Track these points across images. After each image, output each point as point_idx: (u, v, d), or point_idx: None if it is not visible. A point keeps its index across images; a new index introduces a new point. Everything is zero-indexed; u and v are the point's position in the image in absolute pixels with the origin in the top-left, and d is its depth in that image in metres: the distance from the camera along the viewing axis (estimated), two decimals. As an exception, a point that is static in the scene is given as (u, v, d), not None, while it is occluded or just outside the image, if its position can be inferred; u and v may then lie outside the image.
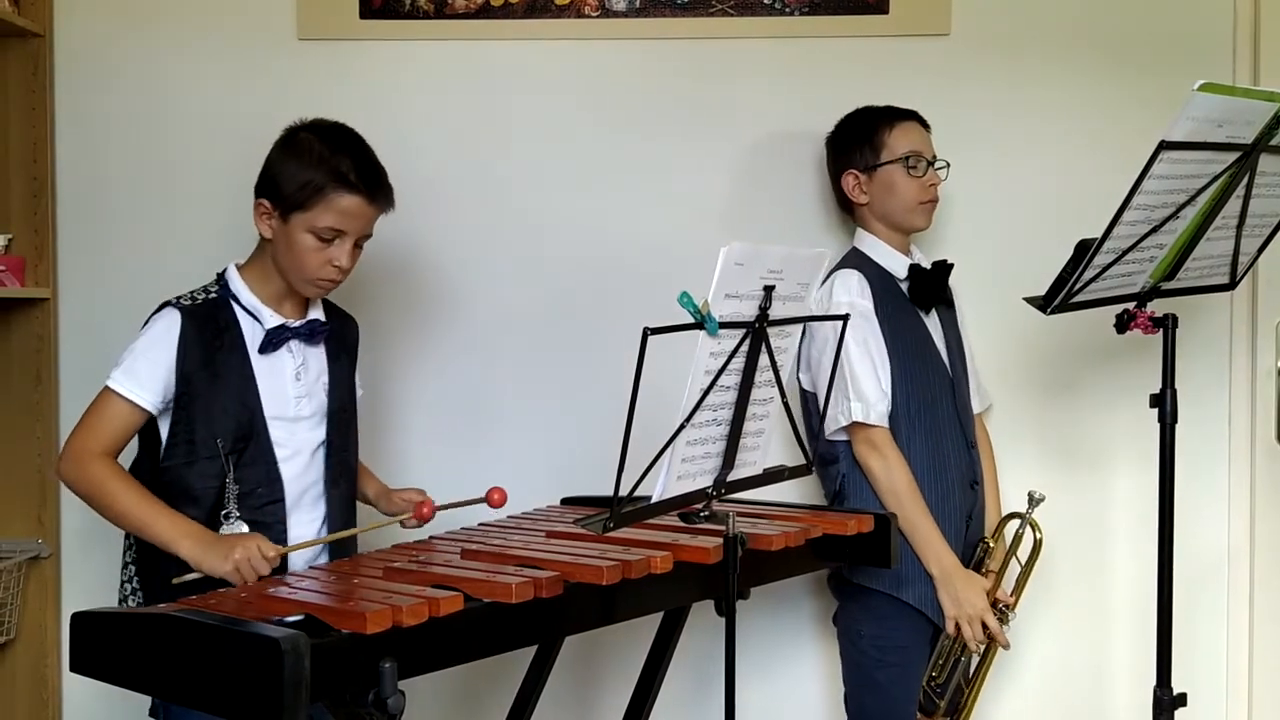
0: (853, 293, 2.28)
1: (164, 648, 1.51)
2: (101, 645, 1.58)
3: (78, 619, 1.60)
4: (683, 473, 1.67)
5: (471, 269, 2.60)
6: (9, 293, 2.43)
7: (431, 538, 2.02)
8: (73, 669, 1.61)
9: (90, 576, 2.58)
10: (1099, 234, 1.94)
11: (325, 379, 2.05)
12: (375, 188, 1.98)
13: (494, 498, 2.06)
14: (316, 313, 2.07)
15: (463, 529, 2.09)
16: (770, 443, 1.84)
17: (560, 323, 2.61)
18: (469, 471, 2.57)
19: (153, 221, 2.58)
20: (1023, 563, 2.36)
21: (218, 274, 2.03)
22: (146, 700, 1.90)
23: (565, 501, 2.35)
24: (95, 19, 2.57)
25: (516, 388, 2.61)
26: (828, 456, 2.33)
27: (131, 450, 1.99)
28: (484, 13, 2.58)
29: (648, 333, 1.52)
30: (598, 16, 2.58)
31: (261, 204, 1.98)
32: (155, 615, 1.55)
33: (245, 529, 1.89)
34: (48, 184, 2.53)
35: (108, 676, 1.59)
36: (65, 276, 2.58)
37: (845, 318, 1.96)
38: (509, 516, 2.17)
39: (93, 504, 1.92)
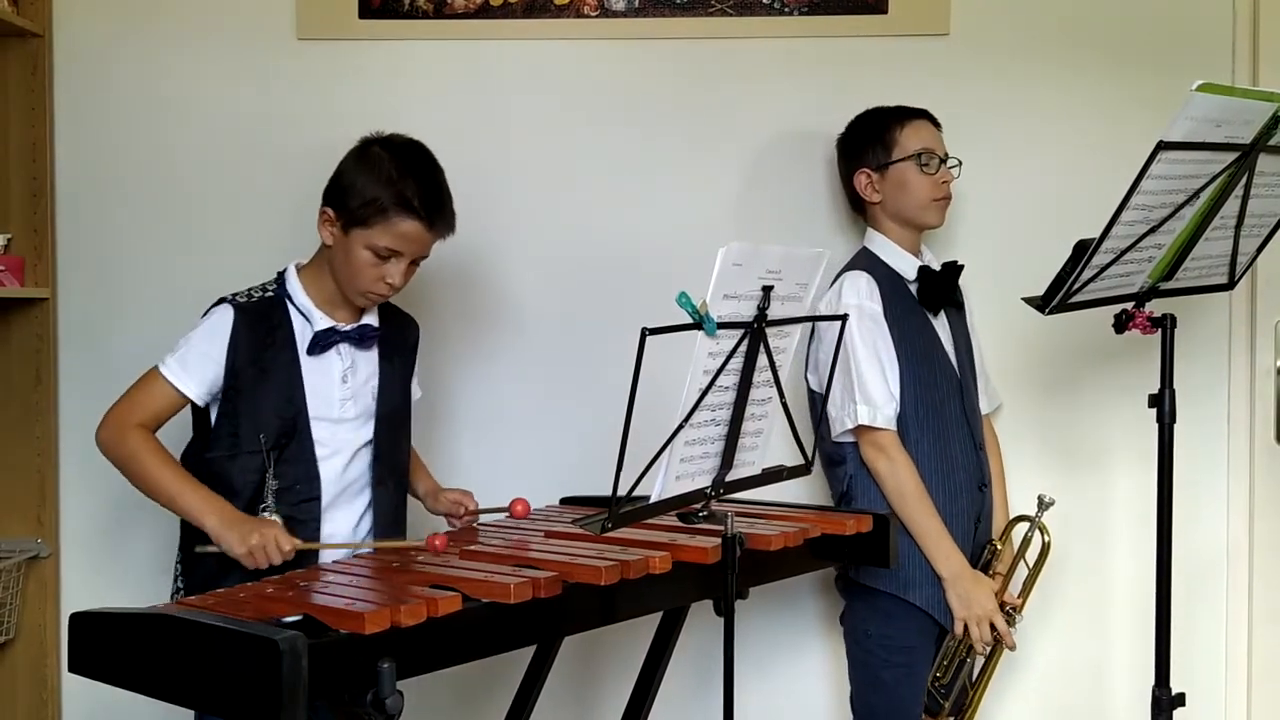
0: (862, 295, 2.28)
1: (163, 648, 1.52)
2: (101, 645, 1.59)
3: (77, 619, 1.60)
4: (681, 473, 1.67)
5: (469, 269, 2.60)
6: (8, 293, 2.43)
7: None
8: (72, 669, 1.61)
9: (90, 576, 2.58)
10: (1098, 234, 1.94)
11: (374, 382, 2.09)
12: (437, 215, 2.01)
13: (517, 509, 2.11)
14: (370, 318, 2.10)
15: (462, 528, 2.09)
16: (769, 443, 1.84)
17: (558, 322, 2.61)
18: (468, 471, 2.58)
19: (152, 221, 2.58)
20: (1030, 565, 2.36)
21: (278, 273, 2.07)
22: (146, 700, 1.89)
23: (564, 501, 2.36)
24: (94, 19, 2.57)
25: (515, 388, 2.61)
26: (835, 457, 2.33)
27: (185, 438, 2.05)
28: (483, 12, 2.58)
29: (646, 333, 1.52)
30: (597, 16, 2.58)
31: (326, 212, 2.02)
32: (154, 615, 1.55)
33: (277, 521, 1.92)
34: (47, 184, 2.53)
35: (107, 677, 1.59)
36: (64, 276, 2.58)
37: (844, 318, 1.96)
38: (507, 516, 2.18)
39: (126, 472, 1.97)
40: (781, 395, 1.80)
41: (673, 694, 2.33)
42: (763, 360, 1.72)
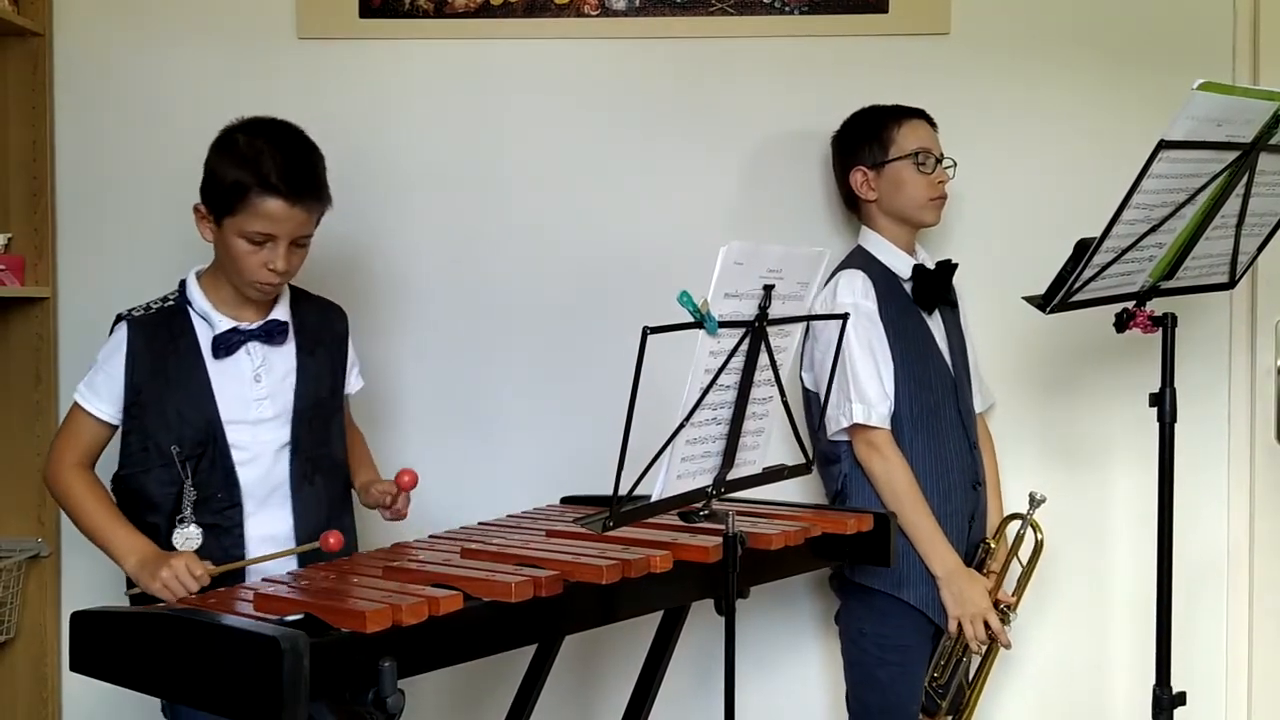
0: (857, 293, 2.28)
1: (164, 647, 1.52)
2: (101, 644, 1.59)
3: (77, 618, 1.60)
4: (682, 472, 1.67)
5: (470, 268, 2.60)
6: (9, 292, 2.43)
7: (431, 536, 2.02)
8: (72, 668, 1.61)
9: (90, 576, 2.58)
10: (1098, 233, 1.94)
11: (293, 378, 2.03)
12: (300, 190, 1.91)
13: (404, 480, 2.00)
14: (278, 312, 2.04)
15: (462, 528, 2.09)
16: (770, 442, 1.84)
17: (560, 321, 2.61)
18: (468, 471, 2.58)
19: (152, 220, 2.58)
20: (1024, 563, 2.36)
21: (180, 281, 2.03)
22: (146, 699, 1.90)
23: (565, 500, 2.35)
24: (95, 18, 2.57)
25: (516, 387, 2.61)
26: (830, 456, 2.33)
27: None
28: (483, 12, 2.57)
29: (647, 332, 1.52)
30: (597, 15, 2.58)
31: (199, 208, 1.97)
32: (155, 614, 1.55)
33: (195, 532, 1.91)
34: (47, 183, 2.53)
35: (107, 675, 1.59)
36: (65, 276, 2.58)
37: (845, 317, 1.96)
38: (509, 516, 2.18)
39: (66, 513, 2.00)
40: (783, 394, 1.80)
41: (672, 693, 2.33)
42: (764, 359, 1.73)
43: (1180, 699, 2.12)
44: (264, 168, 1.89)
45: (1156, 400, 2.11)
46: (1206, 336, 2.61)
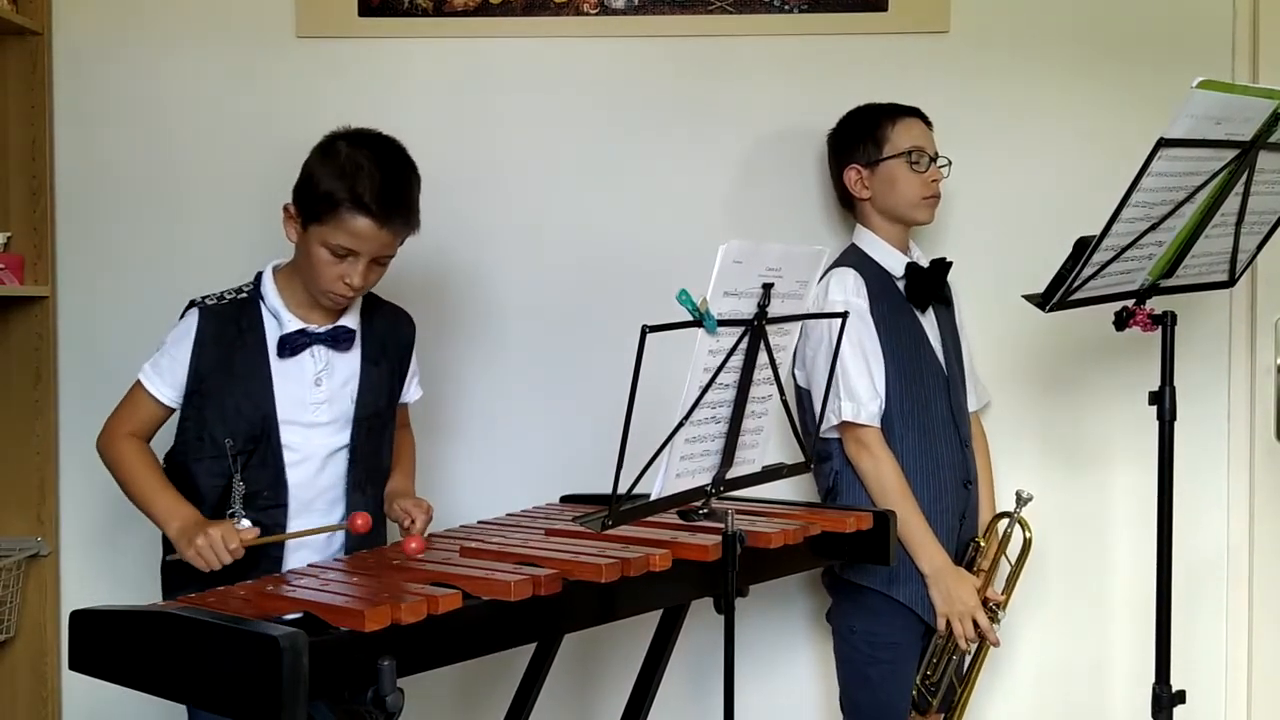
0: (848, 291, 2.28)
1: (163, 646, 1.52)
2: (101, 643, 1.58)
3: (77, 617, 1.60)
4: (681, 470, 1.67)
5: (469, 267, 2.60)
6: (8, 291, 2.43)
7: (430, 535, 2.02)
8: (72, 667, 1.61)
9: (89, 575, 2.58)
10: (1098, 231, 1.94)
11: (354, 385, 2.04)
12: (391, 212, 1.91)
13: (356, 523, 1.96)
14: (349, 319, 2.04)
15: (461, 526, 2.09)
16: (769, 440, 1.84)
17: (559, 320, 2.61)
18: (468, 470, 2.58)
19: (152, 219, 2.58)
20: (1013, 562, 2.36)
21: (257, 273, 2.04)
22: (146, 698, 1.89)
23: (564, 499, 2.35)
24: (94, 17, 2.57)
25: (515, 386, 2.61)
26: (822, 454, 2.33)
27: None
28: (482, 10, 2.57)
29: (646, 330, 1.51)
30: (596, 14, 2.58)
31: (289, 208, 1.98)
32: (154, 613, 1.55)
33: (248, 526, 1.90)
34: (46, 182, 2.53)
35: (107, 674, 1.59)
36: (64, 275, 2.58)
37: (844, 316, 1.96)
38: (508, 514, 2.18)
39: (115, 479, 2.00)
40: (781, 393, 1.80)
41: (670, 692, 2.33)
42: (763, 358, 1.72)
43: (1180, 697, 2.12)
44: (360, 184, 1.89)
45: (1156, 399, 2.11)
46: (1206, 335, 2.61)
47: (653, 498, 1.64)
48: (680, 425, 1.62)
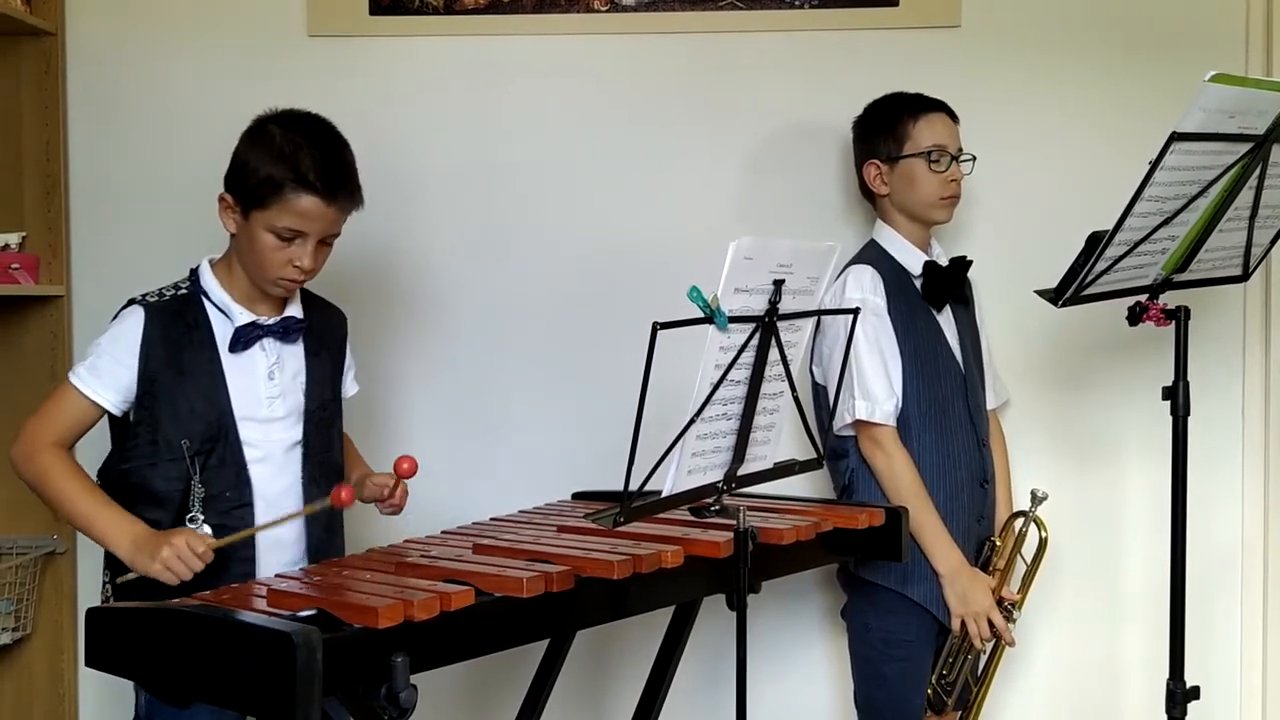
0: (865, 289, 2.27)
1: (178, 643, 1.52)
2: (116, 641, 1.59)
3: (93, 614, 1.61)
4: (693, 467, 1.67)
5: (481, 264, 2.61)
6: (23, 290, 2.44)
7: (443, 532, 2.02)
8: (88, 664, 1.62)
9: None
10: (1111, 226, 1.94)
11: (303, 377, 2.00)
12: (336, 188, 1.87)
13: (402, 467, 1.94)
14: (294, 309, 2.00)
15: (473, 524, 2.09)
16: (780, 437, 1.84)
17: (570, 317, 2.61)
18: (479, 467, 2.59)
19: (165, 218, 2.59)
20: (1028, 561, 2.36)
21: (191, 269, 1.99)
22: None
23: (576, 496, 2.36)
24: (106, 17, 2.58)
25: (527, 382, 2.62)
26: (838, 451, 2.33)
27: (104, 450, 1.96)
28: (493, 8, 2.58)
29: (657, 327, 1.52)
30: (606, 11, 2.58)
31: (224, 198, 1.93)
32: (169, 611, 1.56)
33: (208, 533, 1.84)
34: (60, 182, 2.54)
35: (123, 672, 1.60)
36: (78, 274, 2.59)
37: (856, 311, 1.96)
38: (520, 511, 2.18)
39: (38, 493, 1.90)
40: (793, 389, 1.80)
41: (683, 688, 2.33)
42: (774, 354, 1.72)
43: (1195, 693, 2.12)
44: (301, 164, 1.85)
45: (1170, 394, 2.10)
46: (1220, 329, 2.60)
47: (664, 494, 1.65)
48: (692, 422, 1.62)
